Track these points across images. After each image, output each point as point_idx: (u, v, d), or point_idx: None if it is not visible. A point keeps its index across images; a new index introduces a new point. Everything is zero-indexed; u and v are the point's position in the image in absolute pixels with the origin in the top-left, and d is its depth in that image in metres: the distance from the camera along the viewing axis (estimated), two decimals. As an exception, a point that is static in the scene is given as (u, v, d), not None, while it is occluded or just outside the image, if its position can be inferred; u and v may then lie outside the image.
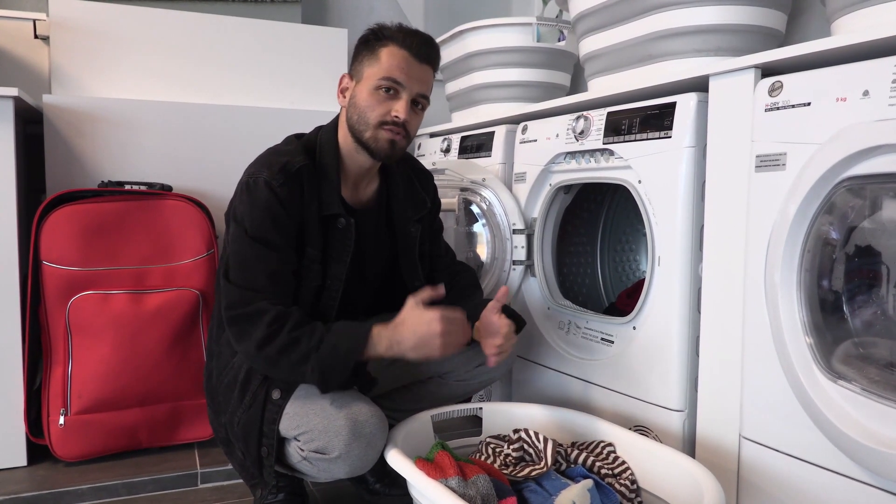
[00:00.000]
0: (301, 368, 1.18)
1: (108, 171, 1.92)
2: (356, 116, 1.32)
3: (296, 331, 1.19)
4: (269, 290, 1.23)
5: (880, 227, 1.12)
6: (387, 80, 1.29)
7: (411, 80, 1.30)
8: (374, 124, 1.30)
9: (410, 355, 1.20)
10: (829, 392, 1.07)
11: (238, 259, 1.26)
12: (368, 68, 1.31)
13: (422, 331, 1.18)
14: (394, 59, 1.29)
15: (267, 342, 1.18)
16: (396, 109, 1.29)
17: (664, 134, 1.40)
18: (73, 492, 1.53)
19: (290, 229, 1.28)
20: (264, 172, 1.27)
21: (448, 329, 1.18)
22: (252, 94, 2.25)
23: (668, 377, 1.41)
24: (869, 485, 1.05)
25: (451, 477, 1.13)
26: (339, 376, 1.18)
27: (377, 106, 1.30)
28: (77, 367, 1.65)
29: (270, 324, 1.19)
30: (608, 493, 1.21)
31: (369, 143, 1.31)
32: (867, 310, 1.13)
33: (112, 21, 2.10)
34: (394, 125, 1.30)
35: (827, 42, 1.10)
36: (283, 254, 1.27)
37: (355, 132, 1.33)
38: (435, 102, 2.73)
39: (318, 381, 1.19)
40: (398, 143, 1.32)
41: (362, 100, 1.31)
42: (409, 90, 1.30)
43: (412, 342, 1.18)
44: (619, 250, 2.17)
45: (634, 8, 1.51)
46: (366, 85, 1.31)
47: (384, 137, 1.30)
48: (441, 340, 1.17)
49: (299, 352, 1.18)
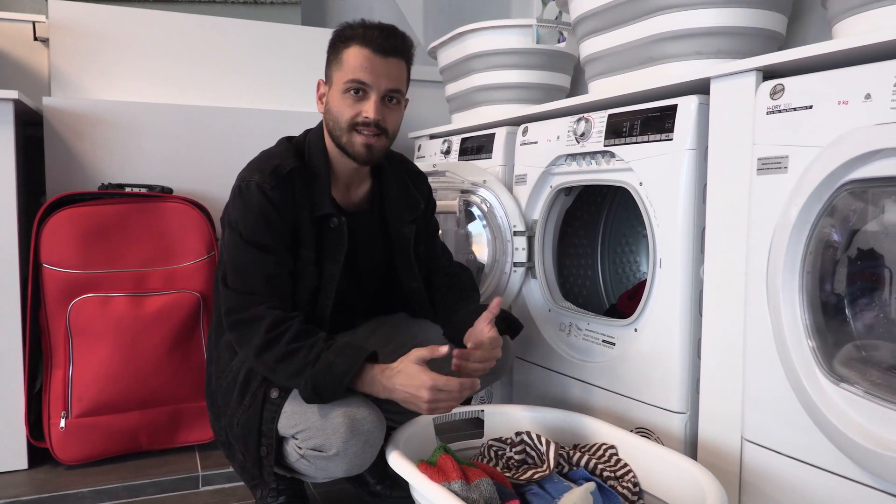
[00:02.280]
0: (296, 380, 1.19)
1: (109, 174, 1.92)
2: (331, 122, 1.33)
3: (294, 343, 1.19)
4: (266, 293, 1.24)
5: (882, 231, 1.12)
6: (352, 82, 1.28)
7: (377, 78, 1.29)
8: (346, 128, 1.30)
9: (400, 404, 1.20)
10: (830, 395, 1.07)
11: (234, 264, 1.27)
12: (336, 72, 1.31)
13: (411, 391, 1.17)
14: (356, 59, 1.28)
15: (265, 350, 1.19)
16: (366, 110, 1.29)
17: (665, 136, 1.40)
18: (73, 495, 1.53)
19: (284, 232, 1.28)
20: (256, 176, 1.28)
21: (435, 399, 1.16)
22: (252, 95, 2.25)
23: (669, 379, 1.41)
24: (871, 487, 1.05)
25: (454, 480, 1.13)
26: (331, 394, 1.18)
27: (346, 109, 1.30)
28: (78, 370, 1.65)
29: (268, 330, 1.19)
30: (610, 495, 1.21)
31: (346, 147, 1.32)
32: (869, 313, 1.13)
33: (112, 23, 2.10)
34: (365, 125, 1.29)
35: (829, 45, 1.10)
36: (278, 256, 1.27)
37: (333, 137, 1.34)
38: (435, 104, 2.71)
39: (309, 397, 1.19)
40: (374, 145, 1.31)
41: (334, 105, 1.31)
42: (377, 88, 1.29)
43: (401, 397, 1.18)
44: (620, 252, 2.17)
45: (635, 10, 1.51)
46: (336, 90, 1.31)
47: (359, 142, 1.30)
48: (427, 407, 1.17)
49: (295, 364, 1.18)
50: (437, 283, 1.53)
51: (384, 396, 1.20)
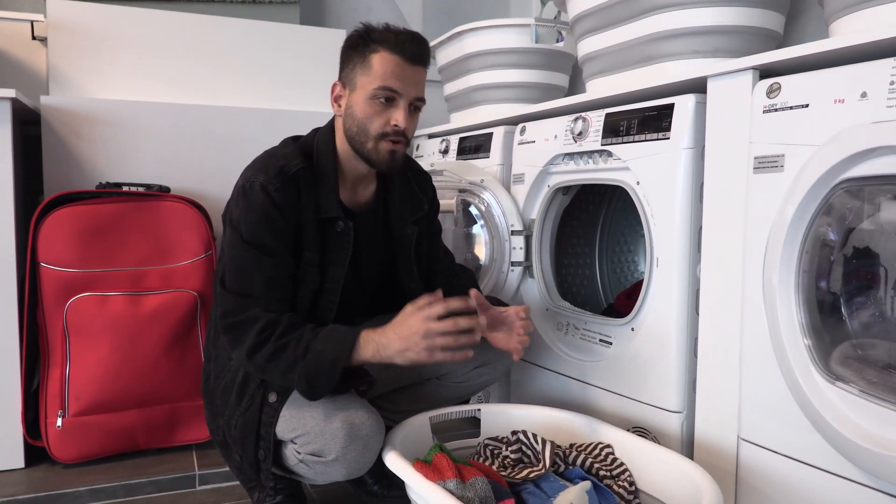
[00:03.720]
0: (289, 376, 1.17)
1: (106, 173, 1.92)
2: (355, 128, 1.29)
3: (283, 338, 1.17)
4: (264, 296, 1.22)
5: (878, 229, 1.12)
6: (383, 89, 1.25)
7: (407, 86, 1.27)
8: (375, 136, 1.28)
9: (398, 360, 1.17)
10: (827, 394, 1.07)
11: (234, 265, 1.24)
12: (362, 76, 1.27)
13: (405, 334, 1.14)
14: (387, 65, 1.25)
15: (256, 350, 1.18)
16: (396, 119, 1.27)
17: (662, 135, 1.40)
18: (70, 494, 1.53)
19: (286, 234, 1.26)
20: (261, 176, 1.26)
21: (429, 334, 1.13)
22: (250, 95, 2.25)
23: (666, 378, 1.41)
24: (867, 486, 1.05)
25: (449, 479, 1.13)
26: (326, 384, 1.17)
27: (375, 117, 1.27)
28: (75, 369, 1.65)
29: (260, 332, 1.18)
30: (606, 494, 1.21)
31: (370, 155, 1.29)
32: (865, 311, 1.13)
33: (110, 22, 2.09)
34: (395, 134, 1.28)
35: (825, 44, 1.10)
36: (279, 259, 1.25)
37: (355, 144, 1.30)
38: (433, 103, 2.72)
39: (305, 391, 1.18)
40: (398, 153, 1.30)
41: (359, 111, 1.28)
42: (406, 96, 1.27)
43: (397, 346, 1.16)
44: (618, 251, 2.17)
45: (632, 9, 1.51)
46: (361, 94, 1.27)
47: (385, 149, 1.28)
48: (424, 345, 1.13)
49: (286, 359, 1.16)
50: (438, 283, 1.52)
51: (381, 359, 1.17)
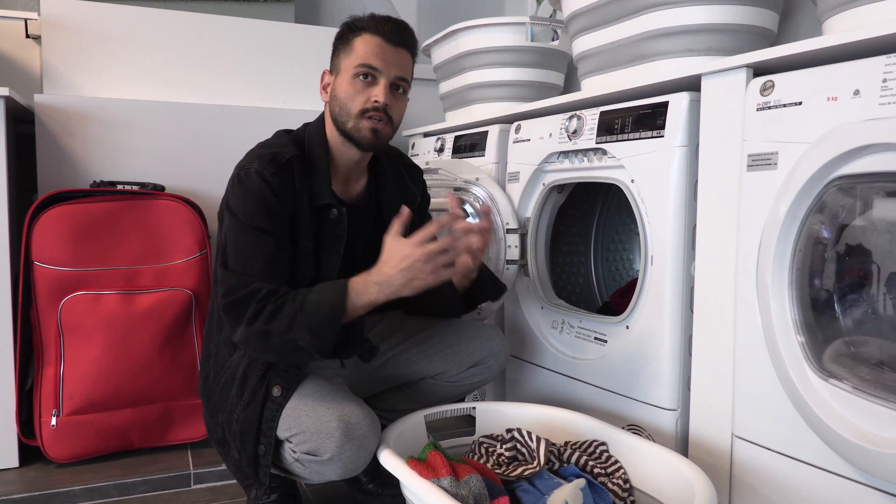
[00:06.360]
0: (290, 335, 1.16)
1: (100, 171, 1.91)
2: (338, 108, 1.33)
3: (280, 298, 1.18)
4: (266, 274, 1.22)
5: (870, 226, 1.12)
6: (363, 66, 1.29)
7: (388, 65, 1.30)
8: (356, 113, 1.30)
9: (406, 292, 1.18)
10: (820, 391, 1.08)
11: (235, 247, 1.25)
12: (345, 59, 1.32)
13: (406, 264, 1.16)
14: (368, 45, 1.30)
15: (256, 317, 1.17)
16: (376, 94, 1.30)
17: (657, 133, 1.40)
18: (64, 493, 1.53)
19: (283, 218, 1.27)
20: (255, 163, 1.27)
21: (429, 251, 1.15)
22: (245, 93, 2.25)
23: (660, 376, 1.41)
24: (860, 483, 1.05)
25: (443, 477, 1.13)
26: (329, 331, 1.16)
27: (356, 95, 1.30)
28: (69, 368, 1.64)
29: (260, 300, 1.18)
30: (601, 492, 1.21)
31: (352, 133, 1.32)
32: (858, 308, 1.13)
33: (104, 20, 2.09)
34: (375, 111, 1.30)
35: (818, 41, 1.10)
36: (278, 239, 1.26)
37: (339, 124, 1.33)
38: (428, 102, 2.70)
39: (310, 343, 1.16)
40: (381, 131, 1.32)
41: (342, 90, 1.32)
42: (387, 74, 1.30)
43: (400, 279, 1.17)
44: (613, 249, 2.17)
45: (626, 7, 1.51)
46: (344, 76, 1.32)
47: (366, 126, 1.31)
48: (429, 266, 1.15)
49: (285, 316, 1.16)
50: None
51: (388, 296, 1.18)
